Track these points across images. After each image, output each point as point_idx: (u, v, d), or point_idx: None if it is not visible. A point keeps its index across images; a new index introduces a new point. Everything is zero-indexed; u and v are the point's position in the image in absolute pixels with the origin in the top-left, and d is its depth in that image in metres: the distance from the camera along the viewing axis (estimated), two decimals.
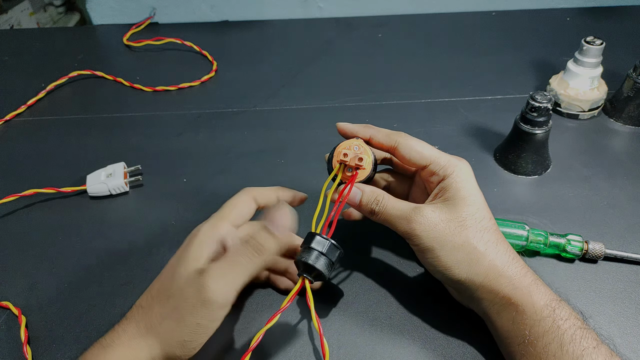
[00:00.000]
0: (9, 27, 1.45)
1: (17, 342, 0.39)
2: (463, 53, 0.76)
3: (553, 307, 0.32)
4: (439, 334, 0.39)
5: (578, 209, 0.49)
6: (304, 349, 0.38)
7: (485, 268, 0.34)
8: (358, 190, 0.37)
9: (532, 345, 0.32)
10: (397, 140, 0.38)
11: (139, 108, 0.66)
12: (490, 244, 0.34)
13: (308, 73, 0.73)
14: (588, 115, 0.60)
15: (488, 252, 0.34)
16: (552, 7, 0.87)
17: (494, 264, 0.34)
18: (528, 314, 0.32)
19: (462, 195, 0.35)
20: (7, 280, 0.44)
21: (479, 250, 0.34)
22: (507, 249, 0.35)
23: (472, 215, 0.35)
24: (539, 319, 0.32)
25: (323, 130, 0.60)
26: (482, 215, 0.35)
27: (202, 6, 0.87)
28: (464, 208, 0.35)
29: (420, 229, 0.34)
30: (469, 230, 0.34)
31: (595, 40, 0.56)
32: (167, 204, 0.51)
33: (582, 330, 0.31)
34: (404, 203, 0.36)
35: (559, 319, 0.32)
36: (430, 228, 0.34)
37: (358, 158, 0.36)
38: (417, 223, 0.34)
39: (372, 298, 0.41)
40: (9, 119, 0.65)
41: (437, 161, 0.37)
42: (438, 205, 0.35)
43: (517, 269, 0.34)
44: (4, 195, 0.51)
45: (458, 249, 0.34)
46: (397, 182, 0.43)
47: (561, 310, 0.32)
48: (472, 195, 0.35)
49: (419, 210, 0.35)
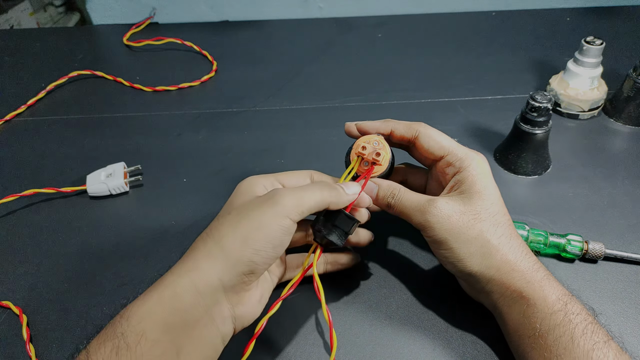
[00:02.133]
0: (9, 27, 1.45)
1: (19, 340, 0.39)
2: (463, 53, 0.76)
3: (565, 302, 0.32)
4: (439, 333, 0.39)
5: (578, 209, 0.49)
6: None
7: (497, 261, 0.34)
8: (374, 185, 0.37)
9: (543, 338, 0.32)
10: (417, 130, 0.38)
11: (139, 108, 0.66)
12: (503, 238, 0.34)
13: (308, 73, 0.73)
14: (588, 115, 0.60)
15: (501, 245, 0.34)
16: (552, 7, 0.87)
17: (506, 258, 0.34)
18: (539, 307, 0.32)
19: (477, 189, 0.35)
20: (8, 280, 0.44)
21: (492, 243, 0.34)
22: (520, 244, 0.35)
23: (486, 209, 0.35)
24: (551, 312, 0.32)
25: (323, 130, 0.60)
26: (497, 209, 0.35)
27: (202, 6, 0.87)
28: (479, 201, 0.35)
29: (434, 220, 0.35)
30: (482, 224, 0.34)
31: (595, 40, 0.57)
32: (167, 204, 0.51)
33: (593, 325, 0.31)
34: (419, 195, 0.37)
35: (571, 313, 0.32)
36: (444, 220, 0.34)
37: (376, 153, 0.37)
38: (431, 215, 0.35)
39: (372, 298, 0.41)
40: (9, 119, 0.65)
41: (455, 152, 0.37)
42: (453, 198, 0.36)
43: (529, 264, 0.34)
44: (4, 195, 0.51)
45: (471, 241, 0.34)
46: (414, 176, 0.43)
47: (573, 305, 0.32)
48: (488, 189, 0.36)
49: (434, 202, 0.35)
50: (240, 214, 0.32)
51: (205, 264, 0.30)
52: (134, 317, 0.28)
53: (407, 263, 0.44)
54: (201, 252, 0.30)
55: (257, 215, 0.31)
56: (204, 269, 0.30)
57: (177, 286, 0.29)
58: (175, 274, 0.30)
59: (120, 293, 0.42)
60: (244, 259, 0.30)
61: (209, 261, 0.30)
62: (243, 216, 0.31)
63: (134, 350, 0.27)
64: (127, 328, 0.27)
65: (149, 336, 0.27)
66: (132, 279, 0.44)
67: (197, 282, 0.29)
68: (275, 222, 0.31)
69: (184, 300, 0.29)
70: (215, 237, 0.31)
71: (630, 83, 0.57)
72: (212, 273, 0.29)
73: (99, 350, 0.27)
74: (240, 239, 0.30)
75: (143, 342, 0.27)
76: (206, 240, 0.31)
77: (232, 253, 0.30)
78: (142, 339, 0.27)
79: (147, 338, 0.27)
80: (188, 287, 0.29)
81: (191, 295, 0.29)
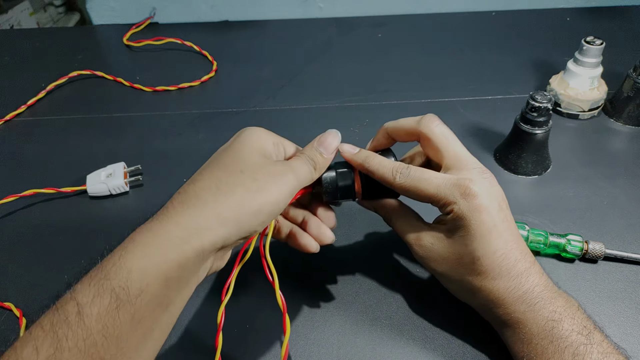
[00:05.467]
0: (9, 27, 1.45)
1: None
2: (463, 53, 0.76)
3: (551, 327, 0.32)
4: (439, 333, 0.39)
5: (578, 209, 0.49)
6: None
7: (481, 299, 0.34)
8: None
9: None
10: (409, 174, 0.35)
11: (139, 108, 0.66)
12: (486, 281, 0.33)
13: (308, 73, 0.73)
14: (588, 115, 0.60)
15: (484, 287, 0.33)
16: (552, 7, 0.87)
17: (489, 298, 0.34)
18: (527, 335, 0.33)
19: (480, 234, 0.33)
20: (8, 280, 0.44)
21: (474, 285, 0.34)
22: (513, 277, 0.33)
23: (485, 256, 0.33)
24: (537, 341, 0.32)
25: (323, 130, 0.60)
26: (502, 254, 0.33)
27: (202, 6, 0.87)
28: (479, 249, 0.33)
29: (427, 255, 0.35)
30: (466, 268, 0.34)
31: (595, 40, 0.56)
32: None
33: (585, 346, 0.31)
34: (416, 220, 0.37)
35: (557, 338, 0.31)
36: (440, 261, 0.35)
37: None
38: (426, 250, 0.35)
39: (372, 298, 0.41)
40: (9, 119, 0.65)
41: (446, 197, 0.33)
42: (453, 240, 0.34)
43: (515, 297, 0.33)
44: (4, 196, 0.51)
45: (455, 282, 0.35)
46: None
47: (560, 329, 0.31)
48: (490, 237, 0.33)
49: (428, 236, 0.35)
50: (257, 181, 0.30)
51: (215, 225, 0.29)
52: (136, 271, 0.27)
53: (407, 263, 0.44)
54: (212, 210, 0.29)
55: (274, 190, 0.31)
56: (212, 230, 0.29)
57: (186, 246, 0.28)
58: (181, 225, 0.29)
59: None
60: (250, 228, 0.30)
61: (219, 224, 0.29)
62: (261, 186, 0.30)
63: (134, 304, 0.26)
64: (128, 281, 0.26)
65: (150, 290, 0.27)
66: None
67: (205, 243, 0.29)
68: (289, 197, 0.32)
69: (189, 260, 0.28)
70: (228, 199, 0.30)
71: (630, 83, 0.57)
72: (220, 235, 0.29)
73: (94, 302, 0.25)
74: (255, 210, 0.30)
75: (143, 296, 0.26)
76: (217, 197, 0.30)
77: (244, 222, 0.30)
78: (142, 293, 0.26)
79: (147, 292, 0.26)
80: (196, 248, 0.28)
81: (197, 256, 0.28)
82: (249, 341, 0.38)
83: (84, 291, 0.26)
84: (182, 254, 0.28)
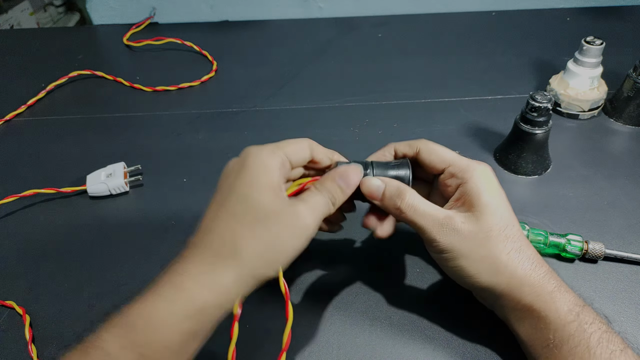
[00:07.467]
0: (9, 27, 1.45)
1: (21, 341, 0.39)
2: (463, 53, 0.76)
3: (577, 312, 0.32)
4: (439, 333, 0.39)
5: (578, 209, 0.49)
6: None
7: (506, 277, 0.34)
8: (380, 183, 0.36)
9: (557, 348, 0.32)
10: (418, 147, 0.39)
11: (139, 108, 0.66)
12: (513, 253, 0.34)
13: (308, 73, 0.73)
14: (588, 115, 0.60)
15: (510, 261, 0.34)
16: (552, 7, 0.87)
17: (515, 273, 0.34)
18: (551, 319, 0.32)
19: (484, 202, 0.35)
20: (9, 281, 0.44)
21: (501, 260, 0.34)
22: (530, 256, 0.34)
23: (496, 224, 0.34)
24: (563, 324, 0.32)
25: (323, 130, 0.60)
26: (506, 222, 0.35)
27: (202, 6, 0.87)
28: (489, 217, 0.34)
29: (447, 240, 0.34)
30: (492, 241, 0.34)
31: (595, 40, 0.56)
32: (167, 204, 0.51)
33: (608, 333, 0.31)
34: (434, 208, 0.36)
35: (584, 322, 0.32)
36: (460, 241, 0.34)
37: None
38: (446, 235, 0.34)
39: (372, 298, 0.41)
40: (9, 119, 0.65)
41: (457, 163, 0.37)
42: (466, 216, 0.35)
43: (539, 276, 0.34)
44: (4, 196, 0.51)
45: (481, 259, 0.34)
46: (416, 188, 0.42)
47: (585, 315, 0.32)
48: (495, 202, 0.35)
49: (451, 222, 0.35)
50: (266, 227, 0.31)
51: (236, 287, 0.30)
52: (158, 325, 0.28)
53: (408, 263, 0.44)
54: (233, 271, 0.30)
55: (293, 242, 0.31)
56: (227, 285, 0.30)
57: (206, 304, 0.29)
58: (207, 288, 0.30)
59: (121, 293, 0.42)
60: (266, 276, 0.31)
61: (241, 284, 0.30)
62: (280, 242, 0.31)
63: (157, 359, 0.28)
64: (151, 335, 0.28)
65: (172, 347, 0.28)
66: (132, 279, 0.44)
67: (225, 304, 0.30)
68: (306, 243, 0.32)
69: (213, 318, 0.30)
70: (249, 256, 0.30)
71: (630, 83, 0.57)
72: (240, 293, 0.30)
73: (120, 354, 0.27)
74: (273, 262, 0.31)
75: (164, 351, 0.28)
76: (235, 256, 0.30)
77: (262, 275, 0.31)
78: (165, 349, 0.28)
79: (169, 348, 0.28)
80: (214, 303, 0.30)
81: (218, 313, 0.30)
82: (251, 332, 0.39)
83: (111, 340, 0.28)
84: (204, 312, 0.29)
